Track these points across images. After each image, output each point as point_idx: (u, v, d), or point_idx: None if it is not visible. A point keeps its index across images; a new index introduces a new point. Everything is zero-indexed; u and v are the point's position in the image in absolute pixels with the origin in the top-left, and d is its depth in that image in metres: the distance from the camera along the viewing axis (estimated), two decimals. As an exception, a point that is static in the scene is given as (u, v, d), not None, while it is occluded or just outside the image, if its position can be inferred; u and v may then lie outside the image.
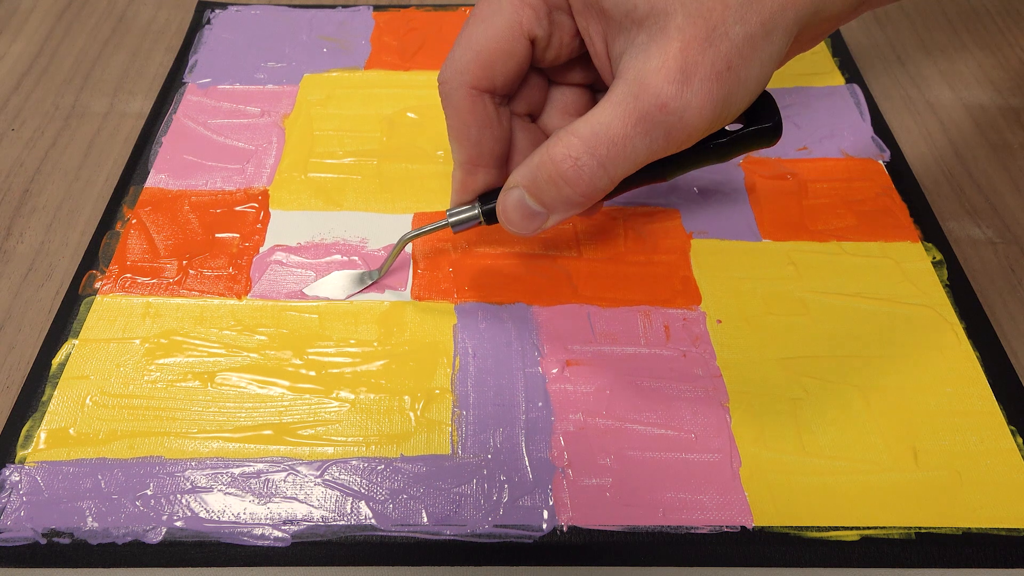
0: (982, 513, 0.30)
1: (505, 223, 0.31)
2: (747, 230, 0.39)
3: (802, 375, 0.33)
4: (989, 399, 0.33)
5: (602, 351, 0.34)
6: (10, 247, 0.39)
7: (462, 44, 0.30)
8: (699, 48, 0.25)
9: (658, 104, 0.26)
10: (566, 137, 0.28)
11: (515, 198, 0.30)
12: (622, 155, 0.27)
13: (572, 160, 0.27)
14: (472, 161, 0.32)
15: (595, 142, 0.27)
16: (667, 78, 0.26)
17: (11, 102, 0.46)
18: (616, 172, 0.28)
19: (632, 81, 0.26)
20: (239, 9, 0.51)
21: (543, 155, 0.28)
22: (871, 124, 0.44)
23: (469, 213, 0.33)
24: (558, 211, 0.29)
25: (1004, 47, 0.50)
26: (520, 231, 0.31)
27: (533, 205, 0.29)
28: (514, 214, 0.30)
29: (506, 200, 0.30)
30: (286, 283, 0.36)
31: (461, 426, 0.32)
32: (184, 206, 0.40)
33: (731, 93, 0.26)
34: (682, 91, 0.26)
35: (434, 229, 0.34)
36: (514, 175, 0.30)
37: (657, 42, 0.26)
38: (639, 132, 0.26)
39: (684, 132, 0.27)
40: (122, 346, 0.34)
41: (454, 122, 0.31)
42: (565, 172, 0.28)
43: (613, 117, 0.27)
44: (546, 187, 0.29)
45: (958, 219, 0.40)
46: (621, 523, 0.29)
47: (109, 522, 0.29)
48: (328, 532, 0.29)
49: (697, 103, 0.26)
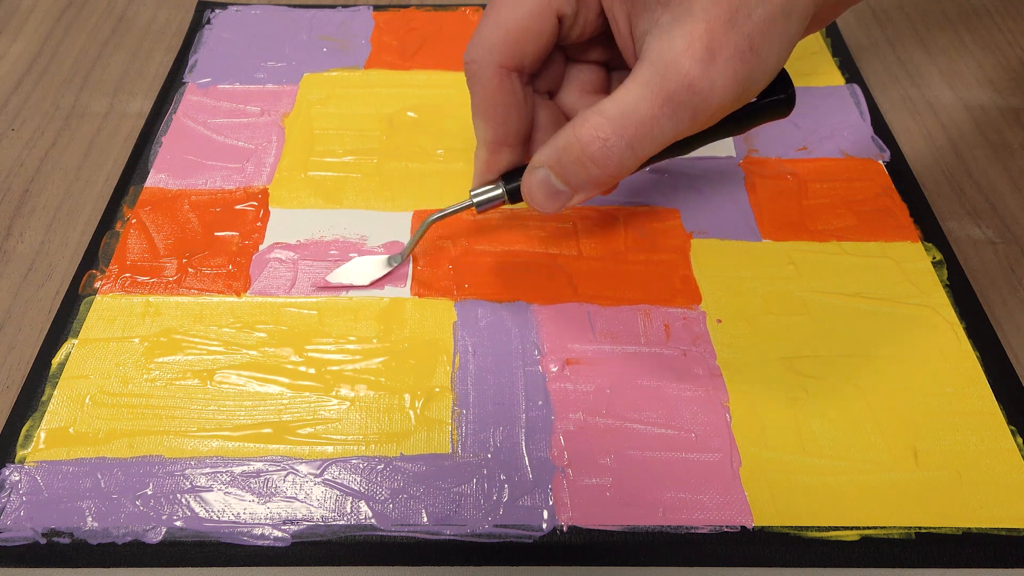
0: (982, 513, 0.30)
1: (530, 201, 0.31)
2: (747, 230, 0.39)
3: (802, 375, 0.33)
4: (989, 399, 0.33)
5: (602, 350, 0.34)
6: (10, 247, 0.39)
7: (490, 22, 0.30)
8: (723, 29, 0.26)
9: (685, 84, 0.26)
10: (593, 118, 0.28)
11: (540, 177, 0.30)
12: (649, 135, 0.27)
13: (600, 141, 0.28)
14: (498, 140, 0.32)
15: (623, 123, 0.27)
16: (693, 58, 0.26)
17: (11, 102, 0.46)
18: (643, 152, 0.28)
19: (658, 61, 0.26)
20: (239, 9, 0.51)
21: (570, 136, 0.28)
22: (871, 124, 0.44)
23: (493, 192, 0.33)
24: (583, 190, 0.30)
25: (1004, 47, 0.50)
26: (544, 209, 0.31)
27: (558, 184, 0.30)
28: (539, 193, 0.30)
29: (531, 179, 0.30)
30: (289, 279, 0.36)
31: (461, 425, 0.32)
32: (184, 205, 0.40)
33: (754, 71, 0.27)
34: (708, 71, 0.26)
35: (458, 210, 0.34)
36: (539, 154, 0.30)
37: (682, 23, 0.26)
38: (666, 112, 0.27)
39: (709, 111, 0.27)
40: (122, 345, 0.34)
41: (481, 101, 0.31)
42: (593, 153, 0.28)
43: (640, 98, 0.27)
44: (573, 167, 0.29)
45: (958, 219, 0.40)
46: (621, 523, 0.29)
47: (109, 522, 0.29)
48: (328, 532, 0.29)
49: (722, 83, 0.26)
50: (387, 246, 0.38)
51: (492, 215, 0.39)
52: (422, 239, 0.38)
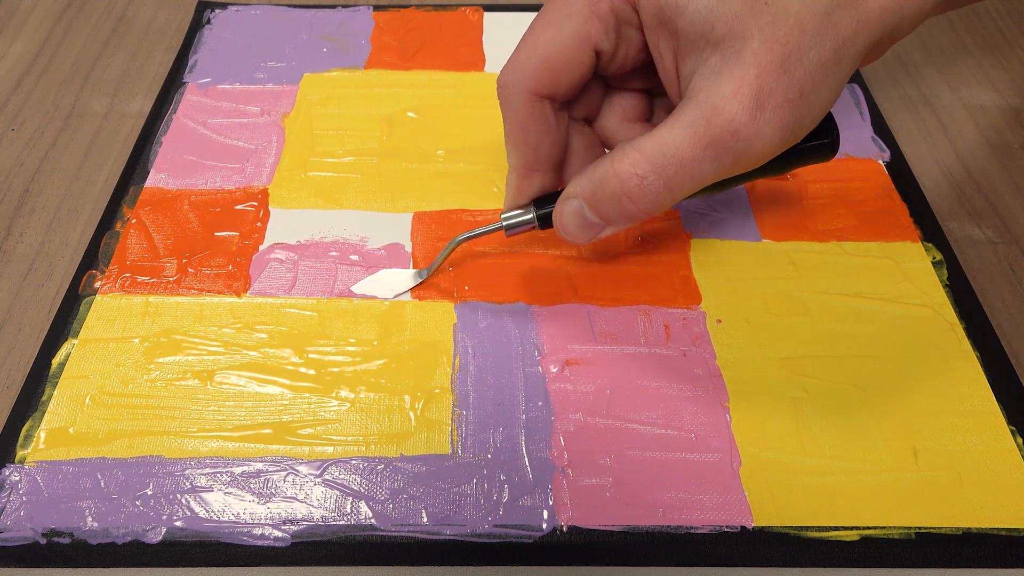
0: (982, 513, 0.30)
1: (560, 230, 0.31)
2: (747, 230, 0.39)
3: (802, 375, 0.33)
4: (989, 399, 0.33)
5: (602, 350, 0.34)
6: (10, 247, 0.39)
7: (527, 48, 0.30)
8: (774, 75, 0.25)
9: (731, 130, 0.26)
10: (632, 154, 0.27)
11: (573, 208, 0.30)
12: (689, 177, 0.27)
13: (639, 179, 0.27)
14: (528, 166, 0.31)
15: (663, 162, 0.27)
16: (741, 105, 0.25)
17: (11, 102, 0.46)
18: (681, 193, 0.28)
19: (704, 104, 0.26)
20: (239, 9, 0.51)
21: (607, 169, 0.28)
22: (871, 124, 0.44)
23: (524, 217, 0.33)
24: (615, 224, 0.29)
25: (1004, 47, 0.50)
26: (574, 240, 0.31)
27: (591, 216, 0.29)
28: (571, 223, 0.30)
29: (564, 209, 0.30)
30: (289, 280, 0.36)
31: (461, 426, 0.32)
32: (184, 205, 0.40)
33: (801, 119, 0.26)
34: (755, 118, 0.26)
35: (487, 232, 0.34)
36: (573, 185, 0.30)
37: (731, 66, 0.26)
38: (708, 156, 0.26)
39: (752, 157, 0.27)
40: (122, 345, 0.34)
41: (512, 127, 0.31)
42: (631, 190, 0.28)
43: (683, 140, 0.26)
44: (607, 201, 0.28)
45: (958, 219, 0.40)
46: (621, 523, 0.29)
47: (109, 522, 0.29)
48: (328, 532, 0.29)
49: (769, 131, 0.26)
50: (388, 248, 0.38)
51: (493, 217, 0.39)
52: (422, 240, 0.38)
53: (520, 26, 0.50)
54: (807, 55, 0.25)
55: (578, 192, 0.29)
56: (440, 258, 0.36)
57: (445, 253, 0.35)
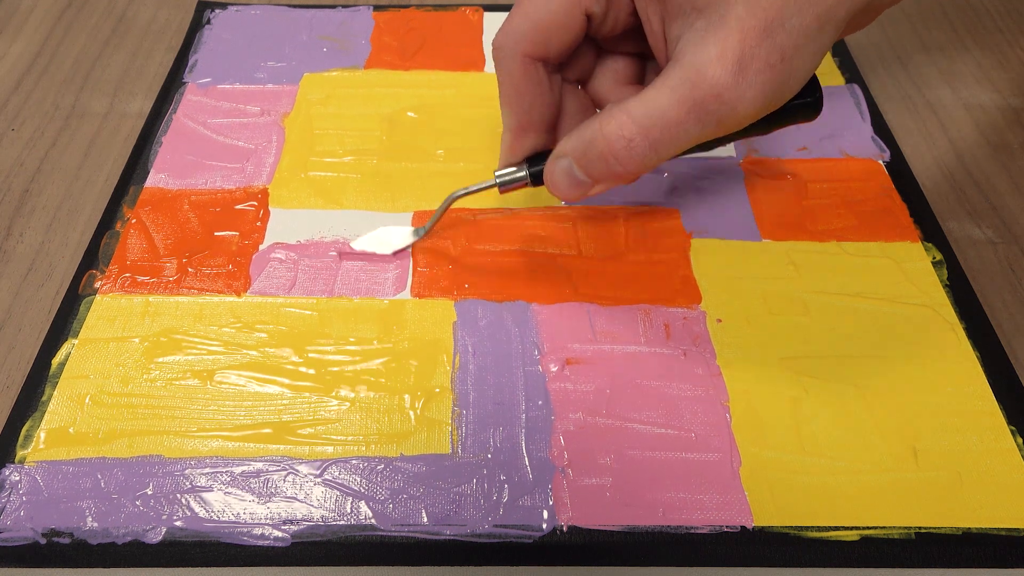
0: (982, 513, 0.30)
1: (551, 188, 0.32)
2: (747, 230, 0.39)
3: (802, 375, 0.33)
4: (989, 399, 0.33)
5: (602, 350, 0.34)
6: (10, 247, 0.39)
7: (519, 12, 0.31)
8: (757, 39, 0.26)
9: (714, 93, 0.26)
10: (619, 115, 0.28)
11: (563, 167, 0.31)
12: (673, 139, 0.28)
13: (625, 140, 0.28)
14: (522, 126, 0.32)
15: (648, 124, 0.28)
16: (724, 68, 0.26)
17: (11, 102, 0.46)
18: (666, 153, 0.28)
19: (688, 67, 0.27)
20: (239, 9, 0.51)
21: (595, 130, 0.29)
22: (871, 124, 0.44)
23: (517, 174, 0.33)
24: (603, 182, 0.30)
25: (1004, 47, 0.50)
26: (564, 197, 0.32)
27: (580, 175, 0.30)
28: (561, 181, 0.31)
29: (554, 167, 0.31)
30: (289, 279, 0.36)
31: (461, 425, 0.32)
32: (184, 205, 0.40)
33: (783, 83, 0.27)
34: (738, 81, 0.26)
35: (482, 188, 0.35)
36: (564, 144, 0.30)
37: (716, 30, 0.26)
38: (692, 118, 0.27)
39: (735, 120, 0.27)
40: (122, 345, 0.34)
41: (506, 88, 0.32)
42: (617, 151, 0.28)
43: (669, 102, 0.27)
44: (596, 161, 0.29)
45: (958, 219, 0.40)
46: (621, 523, 0.29)
47: (109, 522, 0.29)
48: (328, 532, 0.29)
49: (751, 93, 0.26)
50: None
51: (494, 215, 0.39)
52: (422, 238, 0.38)
53: (520, 26, 0.50)
54: (789, 21, 0.26)
55: (568, 151, 0.30)
56: (436, 215, 0.36)
57: (441, 210, 0.36)
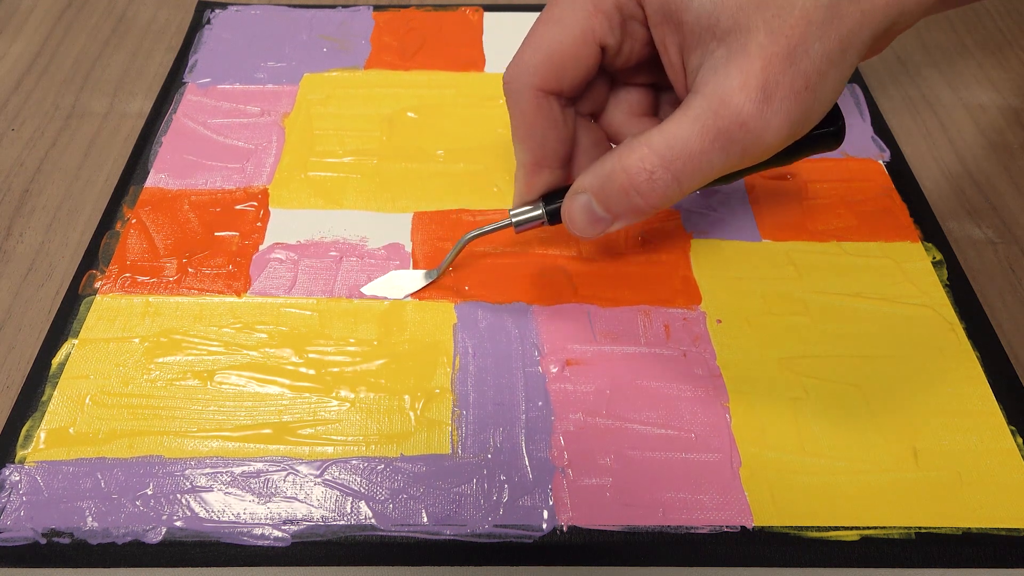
0: (982, 513, 0.30)
1: (569, 226, 0.31)
2: (747, 230, 0.39)
3: (802, 375, 0.33)
4: (989, 399, 0.33)
5: (602, 351, 0.34)
6: (10, 247, 0.39)
7: (531, 45, 0.30)
8: (780, 66, 0.25)
9: (738, 123, 0.26)
10: (640, 148, 0.27)
11: (582, 203, 0.30)
12: (697, 170, 0.27)
13: (647, 173, 0.27)
14: (536, 162, 0.32)
15: (671, 156, 0.27)
16: (749, 97, 0.25)
17: (11, 102, 0.46)
18: (690, 186, 0.28)
19: (711, 96, 0.26)
20: (239, 9, 0.51)
21: (615, 164, 0.28)
22: (871, 124, 0.44)
23: (532, 213, 0.33)
24: (624, 218, 0.29)
25: (1004, 47, 0.50)
26: (583, 235, 0.31)
27: (599, 211, 0.29)
28: (580, 218, 0.30)
29: (572, 204, 0.30)
30: (289, 280, 0.36)
31: (461, 426, 0.32)
32: (184, 205, 0.40)
33: (808, 110, 0.26)
34: (763, 110, 0.26)
35: (496, 229, 0.34)
36: (582, 180, 0.30)
37: (738, 59, 0.26)
38: (716, 148, 0.26)
39: (760, 149, 0.27)
40: (122, 345, 0.34)
41: (519, 123, 0.31)
42: (638, 184, 0.28)
43: (691, 133, 0.26)
44: (616, 196, 0.28)
45: (958, 219, 0.40)
46: (621, 523, 0.29)
47: (109, 522, 0.29)
48: (328, 532, 0.29)
49: (776, 122, 0.26)
50: (388, 248, 0.38)
51: (494, 217, 0.39)
52: (422, 240, 0.38)
53: (520, 26, 0.50)
54: (813, 47, 0.25)
55: (586, 187, 0.29)
56: (449, 258, 0.36)
57: (454, 252, 0.35)
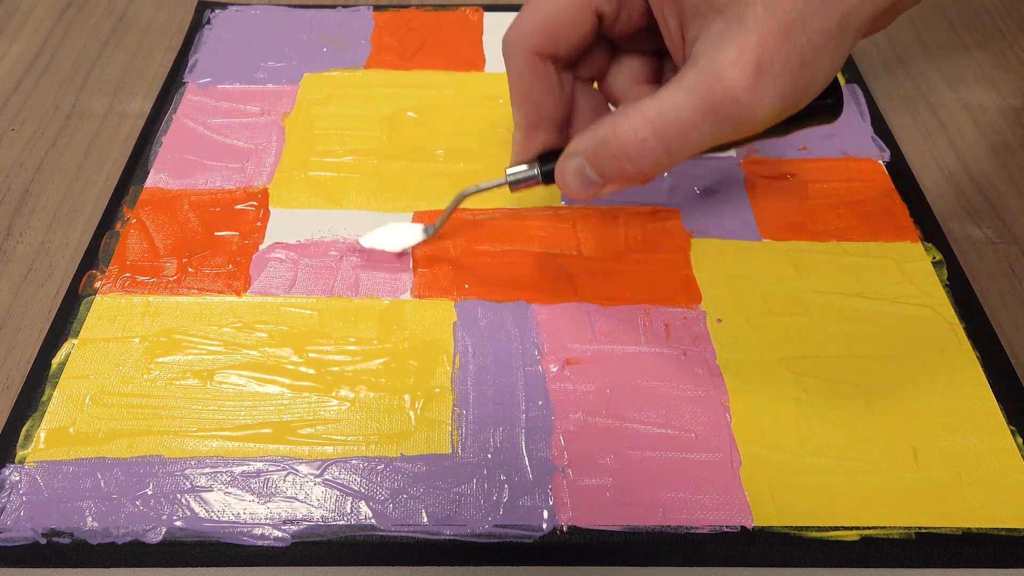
0: (982, 513, 0.30)
1: (562, 187, 0.31)
2: (747, 230, 0.39)
3: (802, 375, 0.33)
4: (989, 399, 0.33)
5: (602, 350, 0.34)
6: (10, 247, 0.39)
7: (529, 9, 0.30)
8: (776, 42, 0.25)
9: (731, 97, 0.26)
10: (633, 116, 0.28)
11: (575, 166, 0.30)
12: (688, 141, 0.27)
13: (639, 141, 0.27)
14: (532, 123, 0.32)
15: (663, 126, 0.27)
16: (742, 71, 0.25)
17: (11, 102, 0.46)
18: (680, 156, 0.28)
19: (706, 70, 0.26)
20: (239, 9, 0.51)
21: (608, 130, 0.28)
22: (871, 124, 0.44)
23: (528, 173, 0.33)
24: (615, 183, 0.30)
25: (1004, 47, 0.50)
26: (575, 196, 0.31)
27: (592, 175, 0.30)
28: (572, 180, 0.30)
29: (566, 166, 0.30)
30: (289, 279, 0.36)
31: (461, 425, 0.32)
32: (184, 205, 0.40)
33: (802, 87, 0.26)
34: (755, 85, 0.25)
35: (493, 186, 0.34)
36: (576, 143, 0.30)
37: (734, 32, 0.26)
38: (708, 122, 0.26)
39: (751, 124, 0.27)
40: (122, 345, 0.34)
41: (516, 85, 0.31)
42: (630, 152, 0.28)
43: (684, 105, 0.26)
44: (608, 161, 0.29)
45: (958, 219, 0.40)
46: (621, 523, 0.29)
47: (109, 522, 0.29)
48: (328, 532, 0.29)
49: (769, 98, 0.26)
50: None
51: (494, 216, 0.39)
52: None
53: (520, 26, 0.50)
54: (811, 23, 0.25)
55: (580, 151, 0.30)
56: (446, 214, 0.36)
57: (451, 208, 0.36)
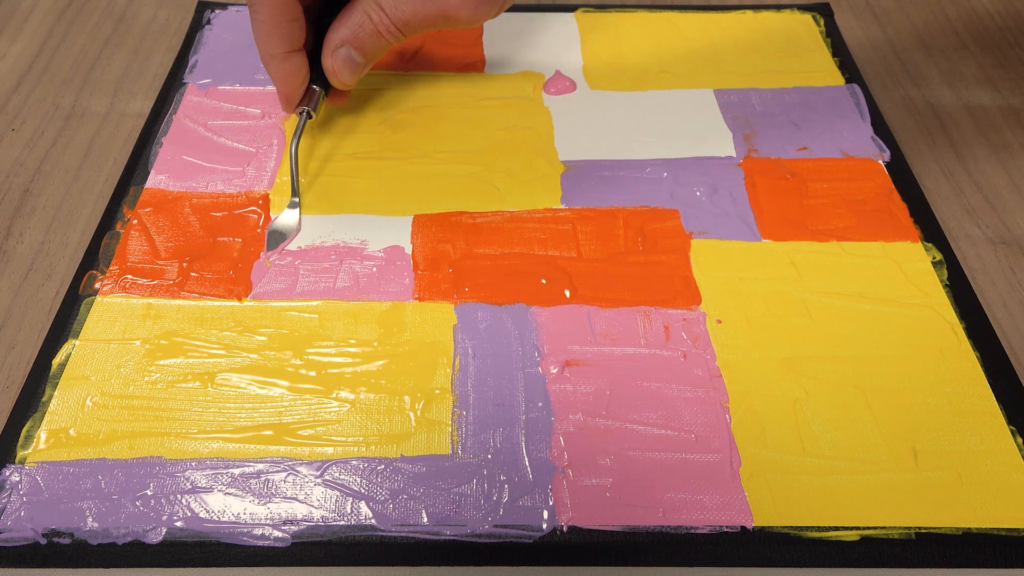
0: (982, 513, 0.30)
1: (335, 76, 0.38)
2: (747, 230, 0.39)
3: (802, 375, 0.33)
4: (989, 399, 0.33)
5: (602, 351, 0.34)
6: (10, 247, 0.39)
7: None
8: None
9: None
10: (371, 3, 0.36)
11: (343, 55, 0.37)
12: None
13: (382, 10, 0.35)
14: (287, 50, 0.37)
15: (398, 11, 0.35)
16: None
17: (11, 102, 0.46)
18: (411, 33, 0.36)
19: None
20: (239, 9, 0.51)
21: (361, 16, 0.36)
22: (871, 124, 0.44)
23: (314, 98, 0.39)
24: (375, 58, 0.38)
25: (1004, 47, 0.50)
26: (348, 83, 0.38)
27: (357, 58, 0.37)
28: (344, 69, 0.38)
29: (336, 58, 0.37)
30: (290, 284, 0.36)
31: (461, 426, 0.32)
32: (185, 208, 0.40)
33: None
34: None
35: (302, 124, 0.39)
36: (335, 36, 0.37)
37: None
38: None
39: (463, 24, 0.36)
40: (122, 347, 0.34)
41: (268, 18, 0.36)
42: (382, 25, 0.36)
43: None
44: (369, 40, 0.36)
45: (958, 219, 0.40)
46: (621, 523, 0.29)
47: (109, 522, 0.29)
48: (328, 532, 0.29)
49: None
50: (387, 251, 0.38)
51: (493, 219, 0.39)
52: (422, 242, 0.38)
53: (520, 26, 0.50)
54: None
55: (343, 40, 0.36)
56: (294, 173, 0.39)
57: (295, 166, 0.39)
